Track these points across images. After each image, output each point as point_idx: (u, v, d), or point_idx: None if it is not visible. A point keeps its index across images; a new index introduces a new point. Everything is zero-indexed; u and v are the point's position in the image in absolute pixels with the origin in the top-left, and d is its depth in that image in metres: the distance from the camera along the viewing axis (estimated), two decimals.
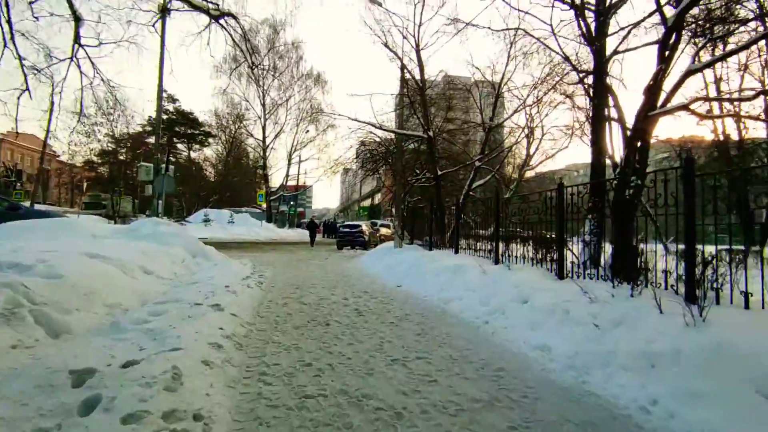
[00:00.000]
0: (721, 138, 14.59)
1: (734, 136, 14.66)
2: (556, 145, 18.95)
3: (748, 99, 8.76)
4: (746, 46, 7.87)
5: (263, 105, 39.75)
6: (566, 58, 10.17)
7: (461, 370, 3.92)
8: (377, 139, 22.04)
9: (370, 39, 18.58)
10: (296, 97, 39.90)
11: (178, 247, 10.21)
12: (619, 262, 6.09)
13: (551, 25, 10.00)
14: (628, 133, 6.52)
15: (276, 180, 44.82)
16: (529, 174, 24.08)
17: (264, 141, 40.46)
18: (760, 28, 9.30)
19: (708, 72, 13.48)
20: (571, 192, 6.75)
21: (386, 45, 14.56)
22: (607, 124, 8.71)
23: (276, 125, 40.73)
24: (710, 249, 4.40)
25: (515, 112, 15.15)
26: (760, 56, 12.15)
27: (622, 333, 3.90)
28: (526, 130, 18.43)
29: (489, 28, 11.74)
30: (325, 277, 10.95)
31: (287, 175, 42.20)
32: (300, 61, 38.67)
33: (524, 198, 9.31)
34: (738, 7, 8.24)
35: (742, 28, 8.72)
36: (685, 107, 6.33)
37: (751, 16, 8.42)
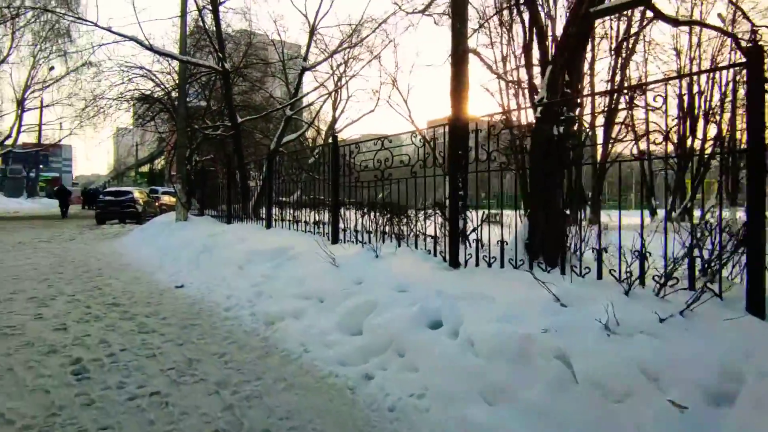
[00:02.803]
0: None
1: None
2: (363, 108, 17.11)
3: None
4: None
5: None
6: None
7: None
8: (153, 78, 16.69)
9: None
10: (29, 15, 29.02)
11: None
12: (538, 236, 4.01)
13: None
14: (549, 44, 4.41)
15: (3, 131, 32.86)
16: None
17: None
18: None
19: None
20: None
21: None
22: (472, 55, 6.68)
23: None
24: None
25: (336, 51, 12.32)
26: None
27: None
28: (331, 85, 15.95)
29: None
30: (50, 274, 6.56)
31: (19, 124, 31.09)
32: None
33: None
34: None
35: None
36: None
37: None
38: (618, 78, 13.60)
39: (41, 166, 42.02)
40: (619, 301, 2.48)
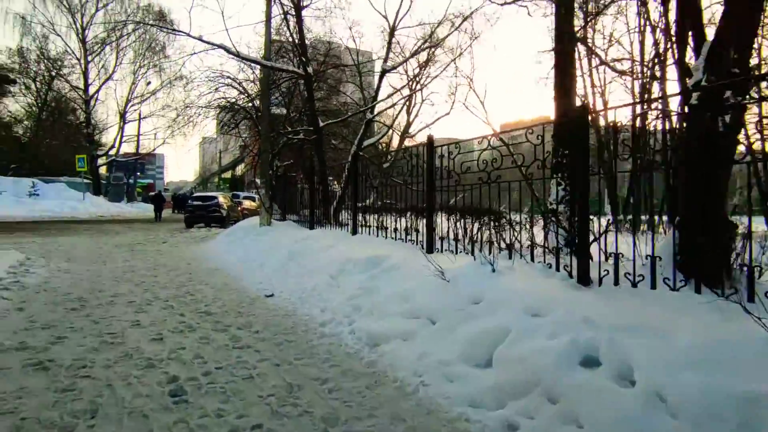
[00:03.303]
0: None
1: None
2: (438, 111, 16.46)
3: None
4: None
5: (83, 42, 30.87)
6: None
7: None
8: (237, 87, 17.29)
9: None
10: (131, 37, 31.70)
11: None
12: (691, 248, 3.24)
13: None
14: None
15: (108, 142, 36.11)
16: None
17: (86, 89, 31.68)
18: None
19: None
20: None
21: None
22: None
23: (103, 70, 32.15)
24: None
25: (417, 51, 11.89)
26: None
27: None
28: (406, 89, 15.44)
29: None
30: (146, 277, 6.68)
31: (121, 135, 33.98)
32: None
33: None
34: None
35: None
36: None
37: None
38: None
39: (138, 174, 45.67)
40: None
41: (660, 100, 7.70)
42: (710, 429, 1.71)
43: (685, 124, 3.64)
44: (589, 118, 4.16)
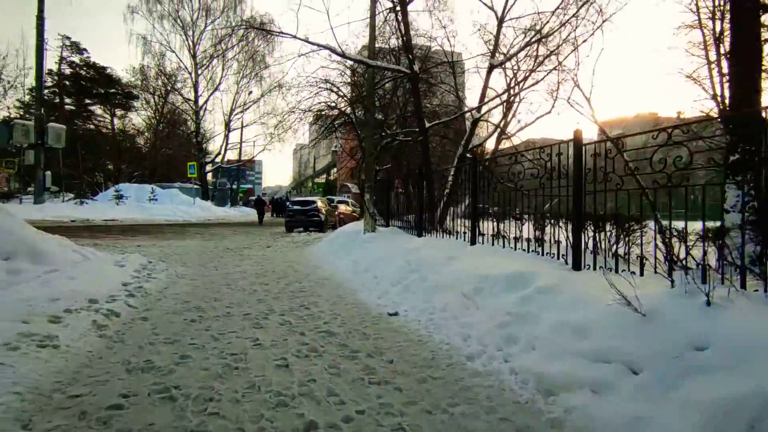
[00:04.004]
0: None
1: None
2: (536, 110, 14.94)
3: None
4: None
5: (194, 57, 33.44)
6: None
7: None
8: (337, 91, 17.33)
9: None
10: (236, 49, 33.80)
11: None
12: None
13: None
14: None
15: (215, 150, 38.85)
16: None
17: (196, 101, 34.28)
18: None
19: None
20: None
21: None
22: None
23: (211, 82, 34.60)
24: None
25: (529, 43, 10.81)
26: None
27: None
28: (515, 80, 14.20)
29: None
30: (256, 285, 6.48)
31: (226, 143, 36.30)
32: (240, 2, 32.29)
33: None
34: None
35: None
36: None
37: None
38: None
39: (239, 179, 48.73)
40: None
41: None
42: None
43: None
44: None
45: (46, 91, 29.35)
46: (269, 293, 6.04)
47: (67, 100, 34.51)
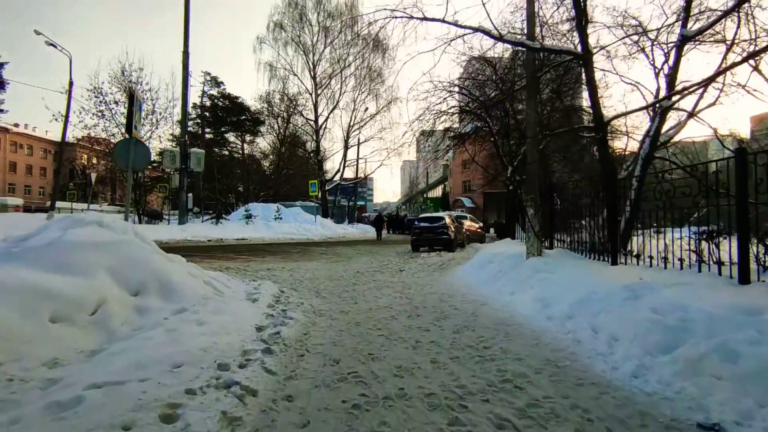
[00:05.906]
0: None
1: None
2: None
3: None
4: None
5: (314, 78, 34.20)
6: None
7: None
8: (468, 95, 15.60)
9: None
10: (352, 67, 33.96)
11: (96, 277, 4.54)
12: None
13: None
14: None
15: (332, 168, 39.48)
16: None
17: (316, 120, 34.96)
18: None
19: None
20: None
21: None
22: None
23: (329, 101, 35.14)
24: None
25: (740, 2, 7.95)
26: None
27: None
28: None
29: None
30: (413, 330, 4.84)
31: (344, 160, 36.48)
32: (355, 23, 32.33)
33: None
34: None
35: None
36: None
37: None
38: None
39: (351, 195, 49.29)
40: None
41: None
42: None
43: None
44: None
45: (190, 122, 32.09)
46: (440, 347, 4.37)
47: (207, 129, 37.72)
